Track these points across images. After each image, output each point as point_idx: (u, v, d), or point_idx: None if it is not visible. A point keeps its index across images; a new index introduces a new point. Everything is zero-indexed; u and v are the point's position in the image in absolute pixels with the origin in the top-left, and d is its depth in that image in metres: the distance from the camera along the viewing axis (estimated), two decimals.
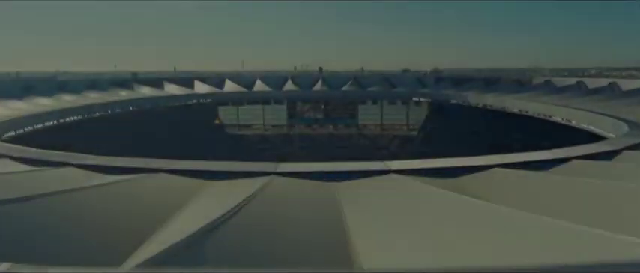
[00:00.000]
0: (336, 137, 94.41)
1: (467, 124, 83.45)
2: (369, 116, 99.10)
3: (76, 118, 52.72)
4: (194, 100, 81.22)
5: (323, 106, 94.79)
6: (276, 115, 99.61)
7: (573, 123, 46.02)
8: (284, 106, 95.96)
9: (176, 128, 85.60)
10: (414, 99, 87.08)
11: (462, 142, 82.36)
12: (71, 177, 17.63)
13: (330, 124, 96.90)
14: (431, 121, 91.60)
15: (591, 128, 40.61)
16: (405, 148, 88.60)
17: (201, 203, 14.64)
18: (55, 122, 48.07)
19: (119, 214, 13.70)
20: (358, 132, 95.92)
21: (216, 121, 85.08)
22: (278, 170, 17.58)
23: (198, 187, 16.50)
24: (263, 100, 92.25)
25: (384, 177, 17.38)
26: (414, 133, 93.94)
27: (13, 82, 71.93)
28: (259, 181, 16.51)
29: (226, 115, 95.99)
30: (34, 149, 23.23)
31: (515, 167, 18.64)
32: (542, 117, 55.56)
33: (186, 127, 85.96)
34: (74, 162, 19.18)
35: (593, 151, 21.64)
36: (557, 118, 50.84)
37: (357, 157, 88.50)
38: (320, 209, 14.92)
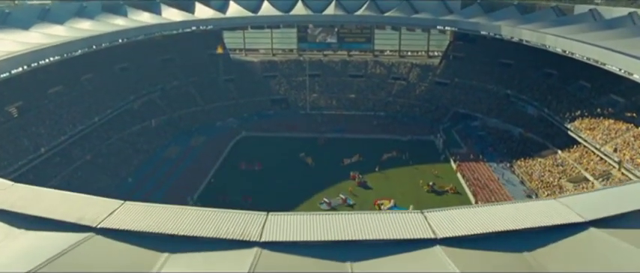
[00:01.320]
0: (351, 64, 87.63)
1: (495, 54, 75.69)
2: (385, 41, 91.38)
3: (53, 58, 45.86)
4: (193, 28, 73.56)
5: (336, 30, 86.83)
6: (285, 39, 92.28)
7: (636, 77, 38.52)
8: (294, 30, 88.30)
9: (174, 58, 79.02)
10: (438, 27, 78.36)
11: (489, 75, 75.10)
12: None
13: (344, 49, 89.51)
14: (454, 48, 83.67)
15: None
16: (425, 78, 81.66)
17: None
18: (26, 67, 41.58)
19: None
20: (374, 59, 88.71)
21: (218, 51, 77.71)
22: (264, 239, 11.86)
23: (148, 265, 11.09)
24: (270, 25, 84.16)
25: (427, 252, 11.61)
26: (435, 60, 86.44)
27: None
28: (239, 262, 11.01)
29: (231, 39, 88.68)
30: None
31: (617, 223, 12.62)
32: (592, 62, 47.84)
33: (186, 56, 79.22)
34: None
35: None
36: (613, 68, 43.26)
37: (373, 86, 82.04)
38: None
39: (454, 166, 55.79)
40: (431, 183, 50.73)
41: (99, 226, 12.21)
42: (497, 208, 13.55)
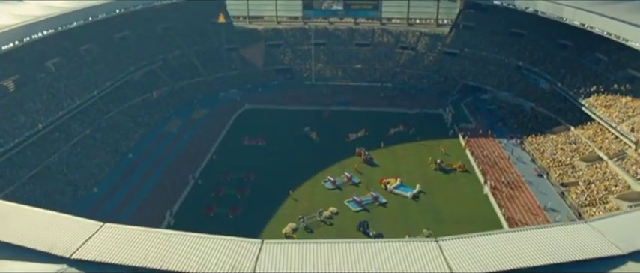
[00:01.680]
0: (357, 32, 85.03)
1: (507, 23, 72.84)
2: (393, 9, 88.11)
3: (46, 32, 43.69)
4: None
5: None
6: (290, 6, 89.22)
7: None
8: None
9: (175, 26, 76.55)
10: None
11: (500, 46, 72.49)
12: None
13: (351, 16, 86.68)
14: (465, 16, 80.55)
15: None
16: (434, 47, 79.02)
17: None
18: (17, 43, 39.64)
19: None
20: (381, 27, 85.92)
21: (219, 20, 75.15)
22: (258, 270, 10.44)
23: None
24: None
25: None
26: (445, 29, 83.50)
27: None
28: None
29: (235, 6, 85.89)
30: None
31: None
32: (614, 38, 45.31)
33: (188, 24, 76.79)
34: None
35: None
36: (636, 44, 40.84)
37: (380, 56, 79.63)
38: None
39: (463, 142, 54.22)
40: (439, 160, 49.29)
41: (73, 257, 10.88)
42: (520, 235, 12.06)
